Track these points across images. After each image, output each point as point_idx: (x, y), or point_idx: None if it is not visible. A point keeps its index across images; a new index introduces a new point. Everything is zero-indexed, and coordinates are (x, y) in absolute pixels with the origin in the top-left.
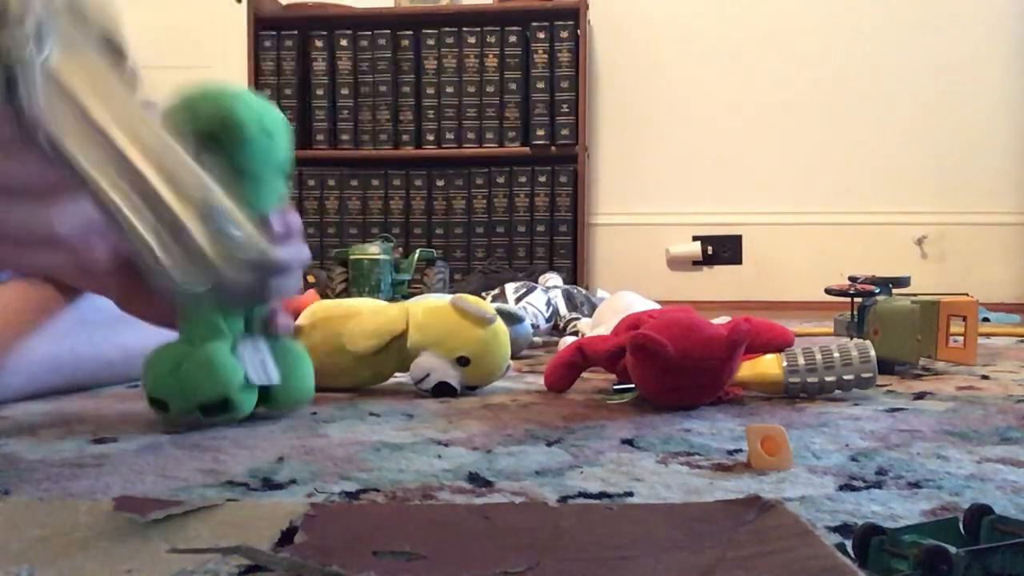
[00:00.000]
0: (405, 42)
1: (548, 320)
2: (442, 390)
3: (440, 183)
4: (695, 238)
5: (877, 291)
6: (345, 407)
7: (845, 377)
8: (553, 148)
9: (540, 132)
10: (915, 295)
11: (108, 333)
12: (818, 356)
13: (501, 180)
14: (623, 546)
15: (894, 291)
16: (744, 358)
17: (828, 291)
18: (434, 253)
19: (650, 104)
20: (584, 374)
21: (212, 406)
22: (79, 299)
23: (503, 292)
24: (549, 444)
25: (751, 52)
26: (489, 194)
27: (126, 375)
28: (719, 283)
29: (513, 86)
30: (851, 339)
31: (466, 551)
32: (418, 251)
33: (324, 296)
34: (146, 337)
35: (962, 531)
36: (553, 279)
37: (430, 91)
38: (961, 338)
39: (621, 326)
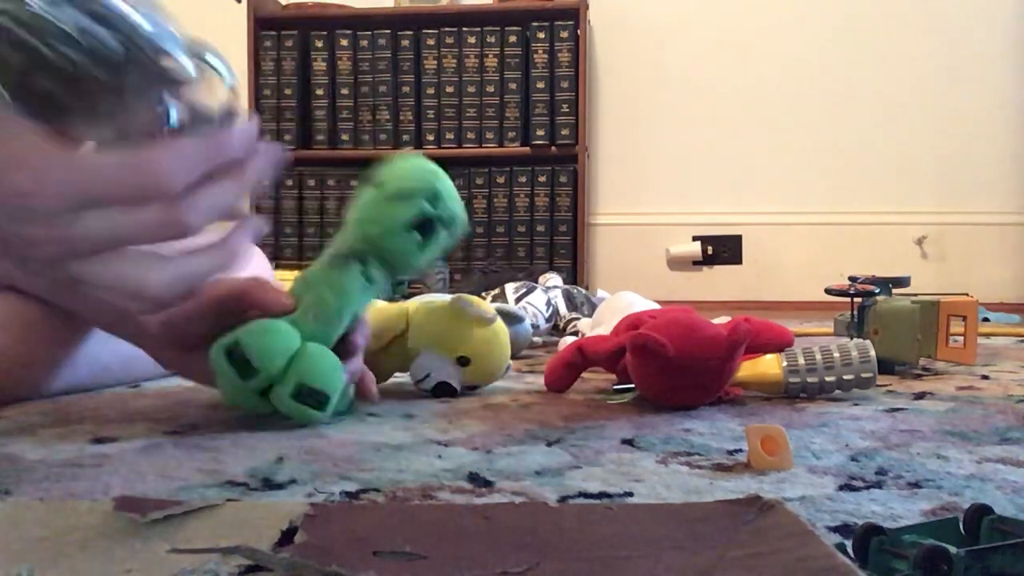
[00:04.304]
0: (405, 42)
1: (548, 320)
2: (442, 390)
3: None
4: (695, 238)
5: (877, 291)
6: None
7: (845, 377)
8: (553, 148)
9: (540, 132)
10: (915, 295)
11: (106, 339)
12: (818, 356)
13: (501, 180)
14: (623, 546)
15: (894, 291)
16: (744, 358)
17: (828, 291)
18: None
19: (650, 104)
20: (584, 374)
21: (309, 392)
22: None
23: (503, 292)
24: (549, 444)
25: (751, 52)
26: (489, 194)
27: (121, 380)
28: (719, 283)
29: (513, 86)
30: (851, 339)
31: (466, 551)
32: None
33: None
34: None
35: (962, 531)
36: (553, 279)
37: (430, 91)
38: (961, 338)
39: (621, 326)
